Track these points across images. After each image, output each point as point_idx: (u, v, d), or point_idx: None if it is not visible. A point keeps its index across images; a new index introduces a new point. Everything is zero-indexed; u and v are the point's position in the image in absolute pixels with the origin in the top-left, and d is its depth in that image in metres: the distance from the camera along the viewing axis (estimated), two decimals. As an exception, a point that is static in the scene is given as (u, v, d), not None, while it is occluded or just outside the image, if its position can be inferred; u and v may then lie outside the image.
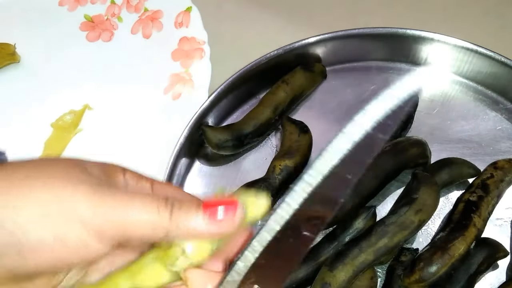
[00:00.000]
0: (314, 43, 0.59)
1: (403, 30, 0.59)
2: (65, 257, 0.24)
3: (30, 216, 0.23)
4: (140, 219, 0.25)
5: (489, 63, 0.57)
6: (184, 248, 0.26)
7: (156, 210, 0.25)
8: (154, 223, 0.25)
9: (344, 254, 0.46)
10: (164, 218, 0.25)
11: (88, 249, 0.25)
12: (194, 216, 0.25)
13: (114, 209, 0.24)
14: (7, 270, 0.24)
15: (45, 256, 0.24)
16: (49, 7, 0.69)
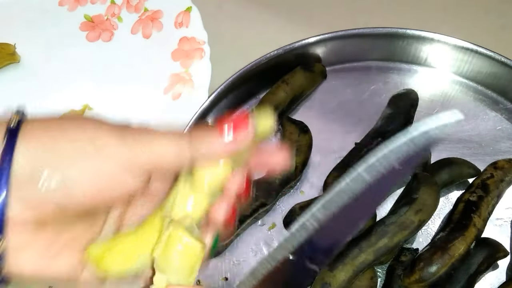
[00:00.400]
0: (314, 43, 0.59)
1: (403, 30, 0.59)
2: (103, 193, 0.26)
3: (69, 155, 0.25)
4: (164, 150, 0.26)
5: (489, 63, 0.57)
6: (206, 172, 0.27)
7: (176, 140, 0.27)
8: (176, 151, 0.27)
9: (344, 254, 0.46)
10: (184, 145, 0.27)
11: (123, 184, 0.26)
12: (211, 137, 0.27)
13: (140, 145, 0.26)
14: (56, 206, 0.25)
15: (87, 192, 0.26)
16: (49, 7, 0.69)
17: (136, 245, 0.28)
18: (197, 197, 0.28)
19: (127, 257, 0.28)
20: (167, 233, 0.27)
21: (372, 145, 0.53)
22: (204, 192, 0.28)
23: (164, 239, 0.27)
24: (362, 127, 0.56)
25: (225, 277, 0.50)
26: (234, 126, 0.27)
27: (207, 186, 0.28)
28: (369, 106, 0.59)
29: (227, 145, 0.27)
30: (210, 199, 0.28)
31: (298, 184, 0.55)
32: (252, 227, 0.52)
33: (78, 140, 0.26)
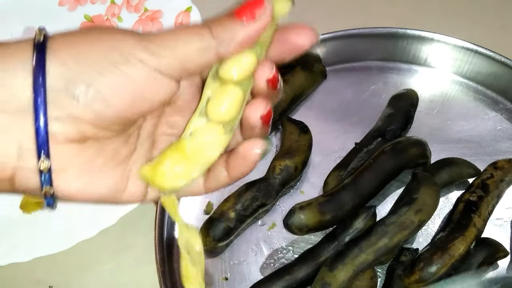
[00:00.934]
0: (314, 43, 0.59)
1: (403, 30, 0.59)
2: (137, 102, 0.26)
3: (100, 66, 0.25)
4: (188, 49, 0.26)
5: (489, 63, 0.57)
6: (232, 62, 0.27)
7: (198, 34, 0.26)
8: (200, 46, 0.26)
9: (344, 254, 0.46)
10: (208, 39, 0.26)
11: (155, 91, 0.27)
12: (231, 25, 0.27)
13: (164, 49, 0.26)
14: (94, 118, 0.25)
15: (122, 100, 0.26)
16: (49, 7, 0.69)
17: (181, 160, 0.28)
18: (228, 90, 0.28)
19: (177, 174, 0.28)
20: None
21: (372, 145, 0.53)
22: (234, 84, 0.28)
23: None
24: (362, 127, 0.56)
25: (225, 277, 0.50)
26: (250, 7, 0.27)
27: (236, 76, 0.27)
28: (369, 106, 0.59)
29: (249, 27, 0.27)
30: (243, 92, 0.28)
31: (298, 184, 0.55)
32: (252, 227, 0.52)
33: (106, 50, 0.25)
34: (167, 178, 0.28)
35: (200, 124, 0.28)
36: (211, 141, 0.28)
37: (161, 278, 0.48)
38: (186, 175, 0.28)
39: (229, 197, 0.50)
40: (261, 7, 0.27)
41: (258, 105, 0.29)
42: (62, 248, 0.51)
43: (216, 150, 0.28)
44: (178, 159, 0.28)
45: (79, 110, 0.25)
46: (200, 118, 0.28)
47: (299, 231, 0.48)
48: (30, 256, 0.51)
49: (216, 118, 0.28)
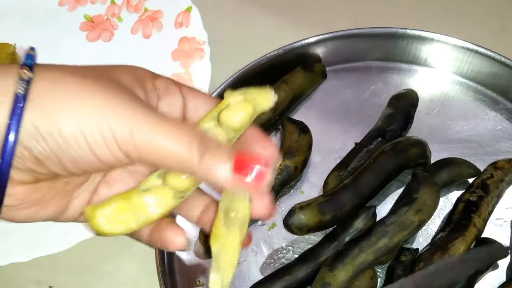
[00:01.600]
0: (314, 43, 0.59)
1: (403, 30, 0.59)
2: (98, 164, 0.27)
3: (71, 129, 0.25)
4: (170, 150, 0.26)
5: (489, 63, 0.57)
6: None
7: (187, 148, 0.26)
8: (182, 160, 0.26)
9: (344, 254, 0.46)
10: (194, 160, 0.26)
11: (115, 160, 0.27)
12: (223, 168, 0.26)
13: (148, 133, 0.26)
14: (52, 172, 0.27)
15: (83, 168, 0.27)
16: (49, 7, 0.69)
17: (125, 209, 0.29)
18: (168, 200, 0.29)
19: (116, 221, 0.29)
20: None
21: (372, 145, 0.53)
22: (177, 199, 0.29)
23: None
24: (362, 127, 0.56)
25: (225, 277, 0.50)
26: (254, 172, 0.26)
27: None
28: (369, 106, 0.59)
29: (236, 183, 0.26)
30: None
31: (298, 184, 0.55)
32: (252, 227, 0.52)
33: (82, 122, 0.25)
34: (106, 222, 0.29)
35: (156, 183, 0.29)
36: (158, 202, 0.29)
37: (161, 278, 0.48)
38: (124, 224, 0.29)
39: (229, 197, 0.50)
40: (262, 177, 0.26)
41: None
42: (62, 248, 0.51)
43: (159, 212, 0.29)
44: (123, 207, 0.29)
45: (38, 167, 0.26)
46: (157, 179, 0.29)
47: (299, 231, 0.48)
48: (30, 256, 0.51)
49: (172, 185, 0.29)
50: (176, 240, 0.30)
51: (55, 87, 0.26)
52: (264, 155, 0.28)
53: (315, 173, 0.55)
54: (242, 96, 0.30)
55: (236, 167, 0.26)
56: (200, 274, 0.50)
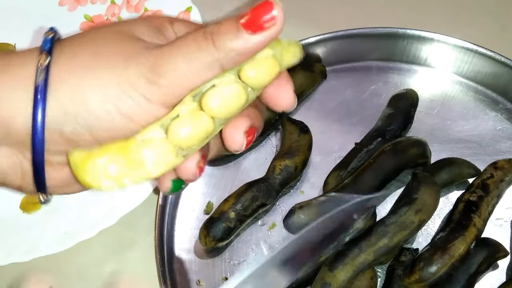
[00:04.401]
0: (314, 43, 0.59)
1: (403, 30, 0.59)
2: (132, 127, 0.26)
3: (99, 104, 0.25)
4: (191, 67, 0.25)
5: (489, 63, 0.57)
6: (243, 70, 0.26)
7: (199, 50, 0.25)
8: (204, 63, 0.25)
9: (344, 254, 0.46)
10: (211, 52, 0.25)
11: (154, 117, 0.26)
12: (237, 37, 0.25)
13: (166, 73, 0.25)
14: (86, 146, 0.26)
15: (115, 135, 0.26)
16: (49, 7, 0.69)
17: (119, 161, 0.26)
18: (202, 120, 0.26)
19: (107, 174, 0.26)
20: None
21: (372, 145, 0.53)
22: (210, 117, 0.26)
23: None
24: (362, 127, 0.56)
25: (225, 277, 0.50)
26: (258, 14, 0.25)
27: (218, 113, 0.26)
28: (369, 106, 0.59)
29: (258, 40, 0.25)
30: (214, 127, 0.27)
31: (298, 184, 0.55)
32: (252, 227, 0.52)
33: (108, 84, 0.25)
34: (95, 174, 0.26)
35: (157, 136, 0.26)
36: (158, 158, 0.26)
37: (161, 278, 0.48)
38: (116, 179, 0.26)
39: (229, 197, 0.50)
40: (271, 15, 0.25)
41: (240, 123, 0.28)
42: (62, 248, 0.51)
43: (159, 170, 0.26)
44: (116, 159, 0.26)
45: (70, 146, 0.26)
46: (159, 129, 0.26)
47: (299, 231, 0.48)
48: (30, 256, 0.51)
49: (175, 141, 0.26)
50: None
51: (76, 65, 0.26)
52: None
53: (315, 173, 0.55)
54: (271, 51, 0.27)
55: (247, 28, 0.25)
56: (200, 274, 0.50)
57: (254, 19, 0.25)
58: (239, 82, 0.26)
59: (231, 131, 0.28)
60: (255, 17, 0.25)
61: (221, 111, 0.26)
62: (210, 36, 0.25)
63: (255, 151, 0.57)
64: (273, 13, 0.25)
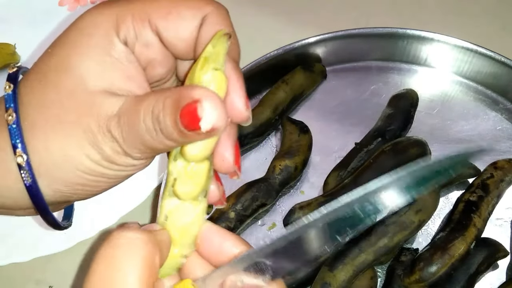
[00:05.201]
0: (314, 43, 0.59)
1: (403, 30, 0.59)
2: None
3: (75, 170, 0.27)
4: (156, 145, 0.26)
5: (489, 63, 0.57)
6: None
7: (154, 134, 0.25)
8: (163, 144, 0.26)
9: (344, 254, 0.46)
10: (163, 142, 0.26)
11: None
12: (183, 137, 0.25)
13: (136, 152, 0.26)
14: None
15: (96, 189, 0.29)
16: (49, 7, 0.69)
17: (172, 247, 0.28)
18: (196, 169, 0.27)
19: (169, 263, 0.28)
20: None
21: (372, 145, 0.53)
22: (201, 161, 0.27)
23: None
24: (362, 127, 0.56)
25: (225, 277, 0.50)
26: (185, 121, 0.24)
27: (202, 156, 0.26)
28: (369, 106, 0.59)
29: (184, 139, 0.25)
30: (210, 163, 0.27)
31: (298, 184, 0.55)
32: (252, 227, 0.52)
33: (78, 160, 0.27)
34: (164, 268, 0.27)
35: (173, 204, 0.27)
36: (190, 218, 0.27)
37: (161, 278, 0.48)
38: (178, 257, 0.28)
39: (229, 197, 0.50)
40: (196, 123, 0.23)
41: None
42: (62, 248, 0.51)
43: (197, 224, 0.28)
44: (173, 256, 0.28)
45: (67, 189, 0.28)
46: (171, 199, 0.27)
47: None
48: (30, 256, 0.51)
49: (189, 197, 0.27)
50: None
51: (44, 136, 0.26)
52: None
53: (315, 173, 0.55)
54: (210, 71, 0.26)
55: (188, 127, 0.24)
56: (200, 274, 0.50)
57: (192, 122, 0.24)
58: None
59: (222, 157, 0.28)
60: (192, 120, 0.24)
61: (206, 151, 0.26)
62: (158, 128, 0.25)
63: (255, 151, 0.57)
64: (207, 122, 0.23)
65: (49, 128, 0.26)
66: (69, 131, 0.26)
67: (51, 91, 0.26)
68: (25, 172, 0.26)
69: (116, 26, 0.26)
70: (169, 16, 0.26)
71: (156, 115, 0.25)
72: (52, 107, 0.26)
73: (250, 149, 0.57)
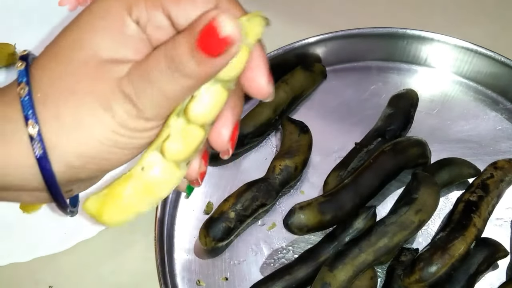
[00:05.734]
0: (314, 43, 0.59)
1: (403, 30, 0.59)
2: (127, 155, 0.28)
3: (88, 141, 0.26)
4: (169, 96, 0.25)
5: (489, 63, 0.57)
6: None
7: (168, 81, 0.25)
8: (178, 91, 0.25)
9: (344, 254, 0.46)
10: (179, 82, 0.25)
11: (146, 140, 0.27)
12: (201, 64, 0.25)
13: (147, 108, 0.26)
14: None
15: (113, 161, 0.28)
16: (49, 7, 0.69)
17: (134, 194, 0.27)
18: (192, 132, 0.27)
19: (123, 209, 0.27)
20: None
21: (372, 145, 0.53)
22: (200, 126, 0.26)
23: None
24: (362, 127, 0.56)
25: (225, 277, 0.50)
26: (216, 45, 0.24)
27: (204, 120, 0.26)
28: (369, 106, 0.59)
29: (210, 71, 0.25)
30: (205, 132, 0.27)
31: (298, 184, 0.55)
32: (252, 227, 0.52)
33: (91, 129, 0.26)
34: (116, 216, 0.27)
35: (154, 160, 0.27)
36: (164, 179, 0.27)
37: (161, 278, 0.48)
38: (134, 210, 0.27)
39: (229, 197, 0.50)
40: (225, 35, 0.24)
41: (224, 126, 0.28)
42: (62, 248, 0.51)
43: (168, 188, 0.28)
44: (127, 195, 0.27)
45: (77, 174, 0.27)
46: (155, 154, 0.27)
47: (299, 231, 0.48)
48: (30, 256, 0.51)
49: (174, 158, 0.27)
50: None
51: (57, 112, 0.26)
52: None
53: (315, 173, 0.55)
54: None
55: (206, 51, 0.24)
56: (200, 274, 0.50)
57: (210, 44, 0.24)
58: (217, 82, 0.26)
59: (219, 132, 0.29)
60: (210, 41, 0.24)
61: (209, 116, 0.27)
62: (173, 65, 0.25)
63: (255, 151, 0.57)
64: (226, 31, 0.24)
65: (61, 99, 0.26)
66: (81, 99, 0.26)
67: (63, 65, 0.26)
68: (37, 143, 0.26)
69: (129, 8, 0.27)
70: (181, 2, 0.26)
71: (170, 52, 0.25)
72: (64, 79, 0.26)
73: (250, 149, 0.57)
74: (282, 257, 0.51)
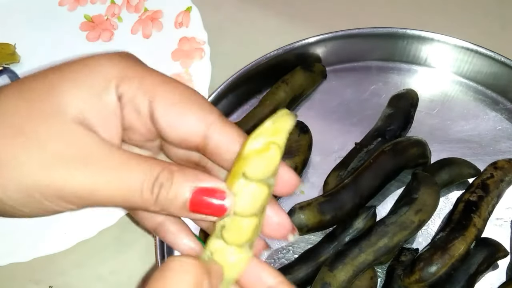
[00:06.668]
0: (314, 43, 0.59)
1: (403, 30, 0.59)
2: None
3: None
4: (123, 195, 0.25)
5: (489, 63, 0.57)
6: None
7: (139, 192, 0.25)
8: (137, 204, 0.25)
9: (344, 254, 0.46)
10: (148, 202, 0.25)
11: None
12: (179, 207, 0.25)
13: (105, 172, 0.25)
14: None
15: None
16: (49, 7, 0.69)
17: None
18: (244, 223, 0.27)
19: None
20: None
21: (372, 145, 0.53)
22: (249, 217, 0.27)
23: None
24: (362, 127, 0.56)
25: (225, 277, 0.50)
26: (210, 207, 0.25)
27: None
28: (369, 106, 0.59)
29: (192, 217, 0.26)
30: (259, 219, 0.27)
31: (298, 184, 0.54)
32: (252, 227, 0.52)
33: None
34: None
35: (219, 245, 0.27)
36: (233, 263, 0.27)
37: (161, 278, 0.48)
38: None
39: (229, 197, 0.50)
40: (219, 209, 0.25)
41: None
42: (62, 248, 0.51)
43: (239, 269, 0.28)
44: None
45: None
46: (217, 240, 0.27)
47: (299, 231, 0.48)
48: (30, 256, 0.51)
49: (233, 244, 0.27)
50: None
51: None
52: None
53: (315, 173, 0.55)
54: (262, 138, 0.26)
55: (192, 208, 0.25)
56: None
57: (202, 208, 0.25)
58: (254, 183, 0.26)
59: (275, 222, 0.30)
60: (203, 204, 0.25)
61: (255, 208, 0.27)
62: (157, 191, 0.25)
63: (255, 151, 0.57)
64: (225, 203, 0.25)
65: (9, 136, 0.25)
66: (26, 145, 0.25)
67: (24, 107, 0.26)
68: None
69: (120, 80, 0.26)
70: (171, 108, 0.26)
71: (160, 179, 0.25)
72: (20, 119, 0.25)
73: (250, 149, 0.57)
74: (282, 257, 0.51)
